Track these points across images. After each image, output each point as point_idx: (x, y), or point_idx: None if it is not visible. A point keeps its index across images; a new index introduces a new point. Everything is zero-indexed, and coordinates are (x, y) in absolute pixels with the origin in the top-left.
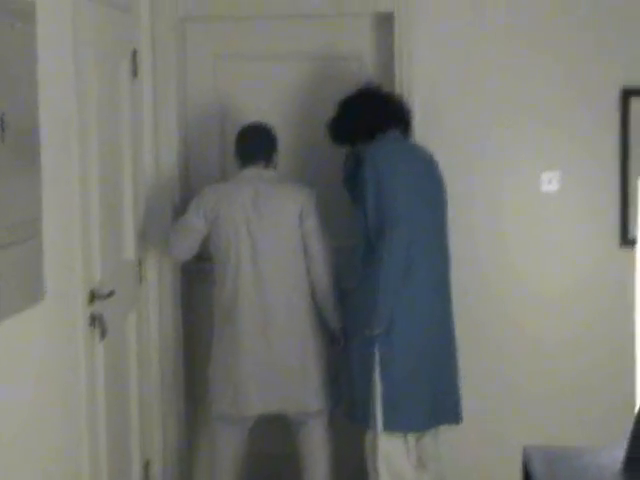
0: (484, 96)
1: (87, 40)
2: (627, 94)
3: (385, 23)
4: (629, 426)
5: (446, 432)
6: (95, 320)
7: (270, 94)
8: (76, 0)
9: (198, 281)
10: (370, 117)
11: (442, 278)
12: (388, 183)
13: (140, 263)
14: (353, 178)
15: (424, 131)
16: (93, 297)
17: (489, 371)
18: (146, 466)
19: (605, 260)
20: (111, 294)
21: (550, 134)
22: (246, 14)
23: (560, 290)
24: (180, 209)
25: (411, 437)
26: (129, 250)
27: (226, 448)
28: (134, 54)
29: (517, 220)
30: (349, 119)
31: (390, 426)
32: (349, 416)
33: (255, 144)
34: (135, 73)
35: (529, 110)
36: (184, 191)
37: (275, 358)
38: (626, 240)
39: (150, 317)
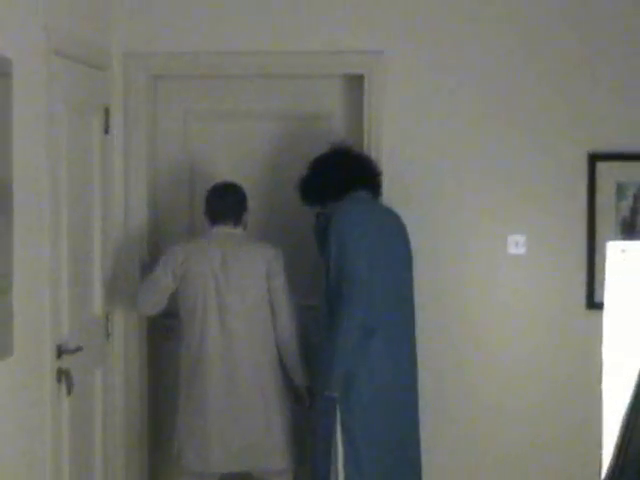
0: (452, 158)
1: (60, 96)
2: (593, 158)
3: (355, 84)
4: None
5: None
6: (62, 375)
7: (240, 152)
8: (51, 57)
9: (164, 337)
10: (340, 177)
11: (405, 341)
12: (351, 246)
13: (107, 319)
14: (324, 235)
15: (391, 191)
16: (60, 352)
17: (453, 437)
18: None
19: (572, 323)
20: (78, 349)
21: (517, 197)
22: (217, 73)
23: (526, 353)
24: (148, 265)
25: None
26: (97, 306)
27: None
28: (106, 111)
29: (484, 282)
30: (319, 179)
31: None
32: (312, 477)
33: (225, 203)
34: (106, 130)
35: (497, 172)
36: (153, 247)
37: (240, 417)
38: (592, 303)
39: (116, 373)
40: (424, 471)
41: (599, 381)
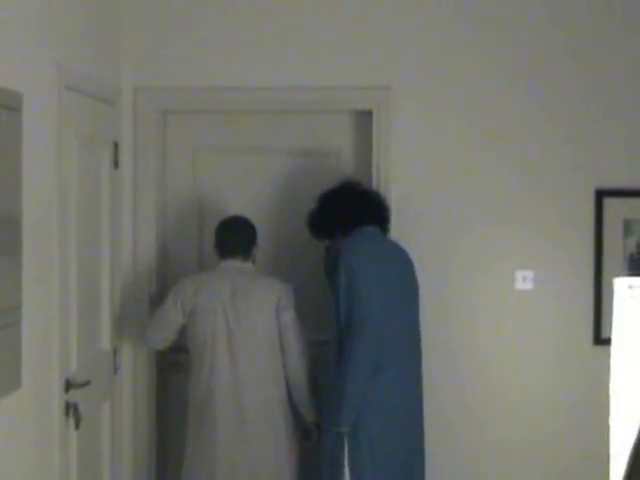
0: (460, 193)
1: (70, 131)
2: (600, 195)
3: (364, 120)
4: None
5: None
6: (70, 409)
7: (249, 187)
8: (61, 92)
9: (172, 372)
10: (348, 213)
11: (412, 377)
12: (360, 284)
13: (115, 353)
14: (333, 269)
15: (399, 227)
16: (68, 386)
17: (460, 471)
18: None
19: (579, 359)
20: (86, 383)
21: (525, 233)
22: (226, 108)
23: (533, 388)
24: (157, 299)
25: None
26: (105, 340)
27: None
28: (115, 145)
29: (491, 317)
30: (328, 214)
31: None
32: None
33: (234, 237)
34: (116, 164)
35: (504, 208)
36: (161, 281)
37: (249, 451)
38: (600, 339)
39: (124, 407)
40: None
41: (606, 416)
